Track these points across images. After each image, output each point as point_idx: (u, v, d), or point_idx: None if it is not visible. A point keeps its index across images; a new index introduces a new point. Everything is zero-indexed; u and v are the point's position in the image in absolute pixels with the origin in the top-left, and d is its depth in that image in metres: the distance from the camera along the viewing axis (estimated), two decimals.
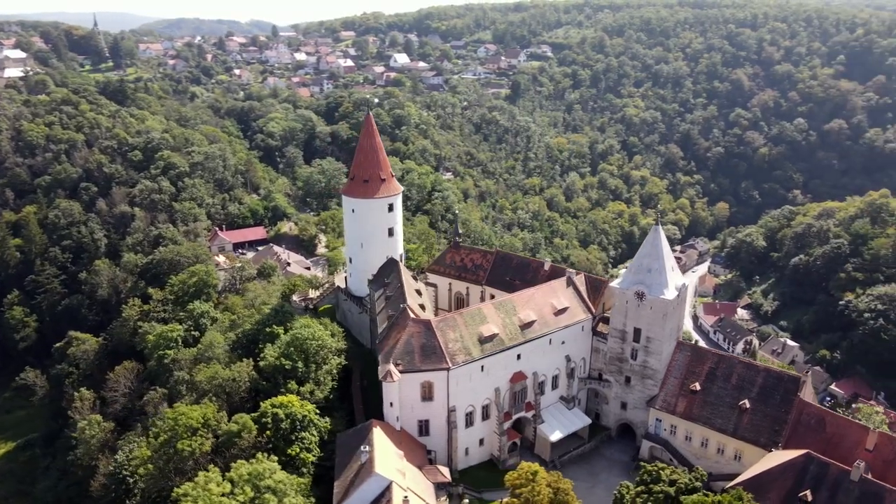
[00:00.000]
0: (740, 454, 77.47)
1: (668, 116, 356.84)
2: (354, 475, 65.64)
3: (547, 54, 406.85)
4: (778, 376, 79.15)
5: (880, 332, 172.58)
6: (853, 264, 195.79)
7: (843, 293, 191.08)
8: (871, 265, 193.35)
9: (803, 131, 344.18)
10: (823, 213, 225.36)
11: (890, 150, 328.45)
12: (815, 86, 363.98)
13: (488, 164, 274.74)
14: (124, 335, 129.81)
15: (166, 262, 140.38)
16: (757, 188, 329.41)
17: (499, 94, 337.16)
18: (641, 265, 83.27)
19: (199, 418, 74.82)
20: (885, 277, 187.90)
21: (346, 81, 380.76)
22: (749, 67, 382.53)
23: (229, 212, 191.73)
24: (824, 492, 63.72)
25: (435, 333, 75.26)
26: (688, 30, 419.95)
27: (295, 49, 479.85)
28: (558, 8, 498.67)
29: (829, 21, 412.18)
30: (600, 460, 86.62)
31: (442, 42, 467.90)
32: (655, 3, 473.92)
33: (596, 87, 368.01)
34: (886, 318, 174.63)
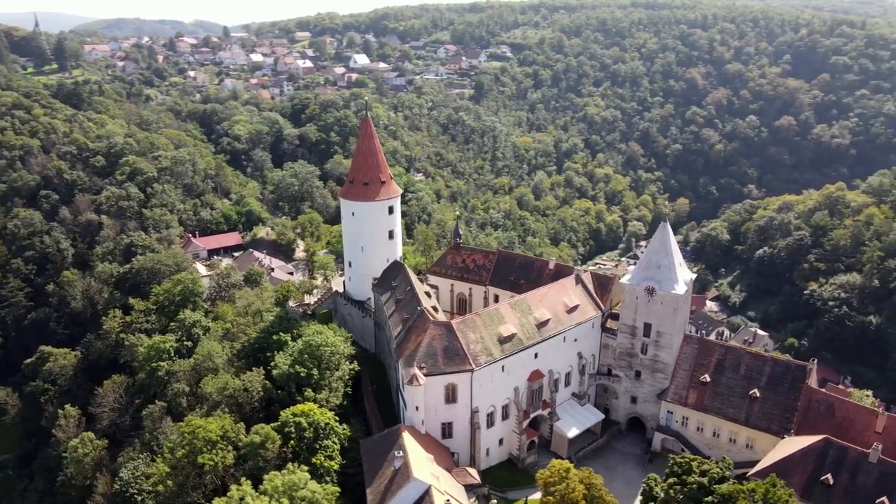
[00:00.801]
0: (752, 442, 79.90)
1: (628, 115, 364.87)
2: (389, 481, 64.91)
3: (507, 54, 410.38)
4: (785, 365, 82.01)
5: (845, 319, 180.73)
6: (815, 255, 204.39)
7: (806, 283, 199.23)
8: (831, 255, 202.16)
9: (755, 128, 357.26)
10: (783, 207, 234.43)
11: (836, 144, 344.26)
12: (764, 84, 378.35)
13: (458, 165, 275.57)
14: (105, 348, 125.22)
15: (146, 271, 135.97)
16: (714, 183, 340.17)
17: (463, 95, 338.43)
18: (651, 261, 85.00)
19: (217, 431, 72.75)
20: (846, 267, 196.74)
21: (306, 83, 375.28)
22: (702, 67, 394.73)
23: (202, 218, 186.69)
24: (845, 474, 66.35)
25: (456, 335, 75.11)
26: (642, 30, 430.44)
27: (250, 50, 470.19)
28: (515, 8, 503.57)
29: (774, 22, 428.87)
30: (614, 454, 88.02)
31: (400, 43, 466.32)
32: (610, 4, 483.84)
33: (557, 86, 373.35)
34: (850, 306, 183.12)
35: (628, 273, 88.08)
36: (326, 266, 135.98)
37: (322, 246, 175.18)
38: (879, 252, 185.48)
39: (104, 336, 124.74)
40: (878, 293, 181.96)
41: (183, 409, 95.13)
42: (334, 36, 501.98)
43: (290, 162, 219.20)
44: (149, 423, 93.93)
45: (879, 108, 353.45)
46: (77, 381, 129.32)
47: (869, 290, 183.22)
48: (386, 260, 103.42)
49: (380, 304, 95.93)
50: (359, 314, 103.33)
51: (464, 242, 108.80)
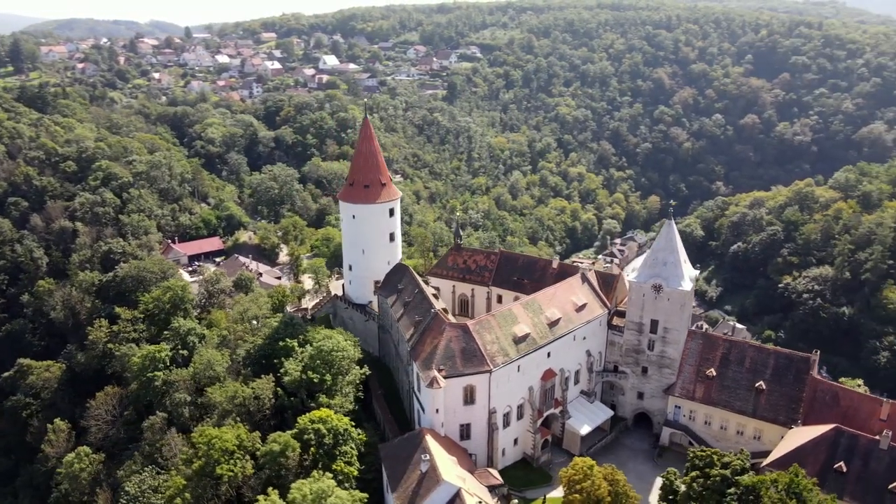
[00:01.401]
0: (760, 434, 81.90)
1: (598, 114, 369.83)
2: (416, 485, 64.54)
3: (476, 55, 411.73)
4: (788, 357, 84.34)
5: (819, 311, 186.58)
6: (788, 249, 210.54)
7: (780, 276, 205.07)
8: (803, 249, 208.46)
9: (721, 126, 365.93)
10: (754, 203, 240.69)
11: (798, 142, 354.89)
12: (728, 83, 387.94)
13: (435, 166, 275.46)
14: (91, 359, 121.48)
15: (130, 279, 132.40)
16: (684, 181, 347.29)
17: (436, 96, 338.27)
18: (657, 259, 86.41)
19: (233, 440, 71.34)
20: (817, 260, 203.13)
21: (275, 84, 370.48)
22: (668, 67, 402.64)
23: (180, 223, 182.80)
24: (857, 462, 68.51)
25: (473, 336, 75.13)
26: (609, 31, 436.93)
27: (215, 51, 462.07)
28: (483, 9, 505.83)
29: (735, 23, 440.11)
30: (622, 450, 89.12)
31: (369, 43, 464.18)
32: (577, 5, 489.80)
33: (528, 86, 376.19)
34: (823, 298, 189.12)
35: (634, 271, 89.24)
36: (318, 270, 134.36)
37: (307, 250, 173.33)
38: (850, 245, 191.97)
39: (90, 347, 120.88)
40: (850, 285, 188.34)
41: (185, 420, 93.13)
42: (301, 37, 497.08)
43: (269, 165, 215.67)
44: (149, 434, 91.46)
45: (838, 106, 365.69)
46: (62, 394, 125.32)
47: (841, 282, 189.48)
48: (387, 262, 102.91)
49: (385, 307, 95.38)
50: (361, 318, 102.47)
51: (446, 244, 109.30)
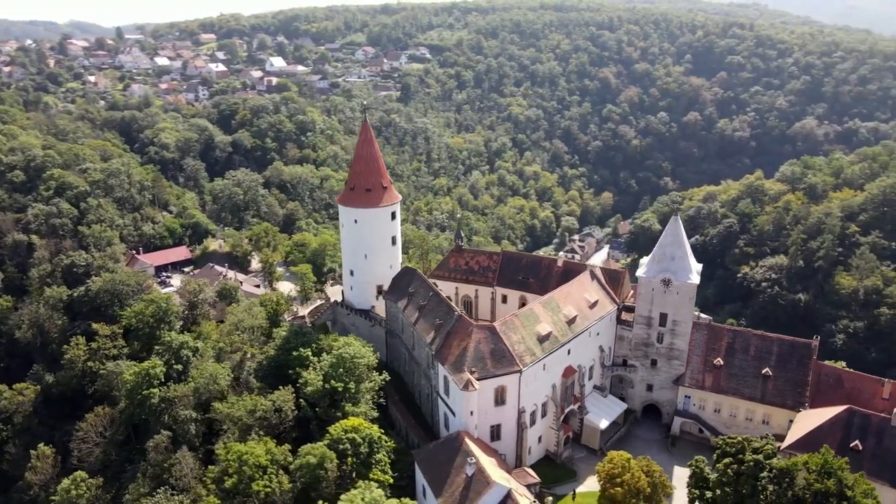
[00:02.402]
0: (768, 418, 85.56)
1: (549, 113, 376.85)
2: (463, 489, 64.31)
3: (426, 56, 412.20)
4: (791, 343, 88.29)
5: (777, 299, 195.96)
6: (743, 240, 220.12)
7: (738, 267, 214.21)
8: (758, 240, 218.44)
9: (666, 124, 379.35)
10: (708, 197, 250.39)
11: (738, 137, 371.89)
12: (670, 82, 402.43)
13: (395, 167, 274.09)
14: (69, 379, 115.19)
15: (106, 293, 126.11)
16: (633, 177, 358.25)
17: (390, 97, 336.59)
18: (665, 254, 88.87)
19: (265, 455, 69.24)
20: (772, 250, 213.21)
21: (221, 87, 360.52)
22: (613, 66, 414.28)
23: (144, 233, 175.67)
24: (871, 439, 72.51)
25: (501, 337, 75.43)
26: (554, 32, 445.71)
27: (152, 53, 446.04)
28: (428, 10, 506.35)
29: (673, 24, 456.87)
30: (636, 441, 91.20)
31: (315, 45, 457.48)
32: (521, 6, 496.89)
33: (480, 87, 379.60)
34: (780, 286, 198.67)
35: (642, 266, 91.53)
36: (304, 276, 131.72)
37: (281, 256, 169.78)
38: (802, 235, 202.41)
39: (68, 366, 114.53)
40: (804, 272, 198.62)
41: (191, 437, 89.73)
42: (243, 38, 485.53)
43: (232, 170, 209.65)
44: (154, 454, 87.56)
45: (772, 102, 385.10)
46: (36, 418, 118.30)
47: (795, 270, 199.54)
48: (389, 267, 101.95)
49: (394, 312, 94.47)
50: (366, 323, 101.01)
51: (419, 247, 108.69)
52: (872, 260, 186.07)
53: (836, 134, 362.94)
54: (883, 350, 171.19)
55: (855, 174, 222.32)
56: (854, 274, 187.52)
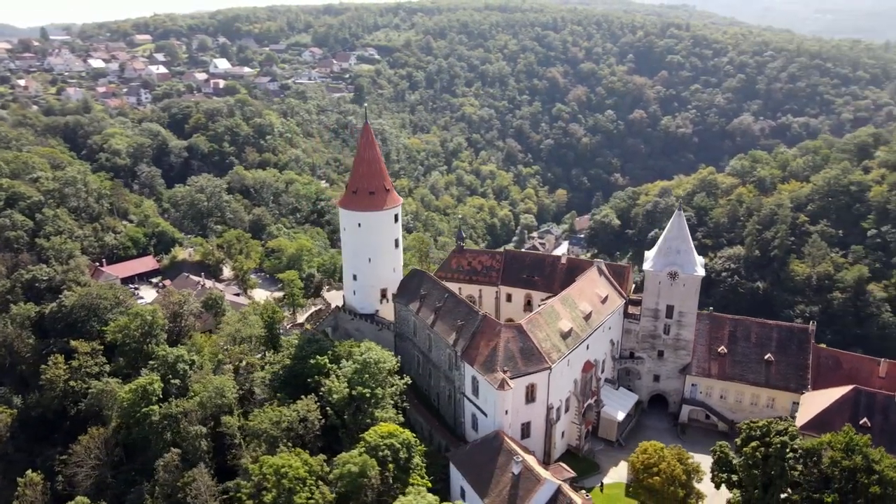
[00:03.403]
0: (772, 402, 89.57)
1: (501, 113, 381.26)
2: (511, 488, 64.68)
3: (375, 57, 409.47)
4: (789, 329, 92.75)
5: (737, 287, 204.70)
6: (701, 233, 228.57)
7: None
8: (714, 232, 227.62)
9: (613, 122, 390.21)
10: (663, 192, 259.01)
11: (681, 134, 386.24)
12: (615, 81, 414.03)
13: None
14: (49, 401, 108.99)
15: (81, 308, 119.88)
16: (585, 174, 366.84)
17: (344, 98, 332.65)
18: (670, 248, 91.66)
19: (302, 466, 67.62)
20: (728, 241, 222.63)
21: (165, 90, 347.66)
22: (560, 66, 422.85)
23: (106, 243, 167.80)
24: (878, 416, 76.95)
25: (528, 335, 76.13)
26: (501, 32, 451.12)
27: (84, 55, 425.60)
28: (373, 10, 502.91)
29: (614, 24, 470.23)
30: (647, 431, 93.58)
31: (258, 45, 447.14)
32: (466, 6, 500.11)
33: (432, 87, 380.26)
34: (739, 275, 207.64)
35: (648, 260, 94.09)
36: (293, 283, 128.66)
37: (255, 263, 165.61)
38: (757, 226, 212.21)
39: (47, 387, 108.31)
40: (760, 262, 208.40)
41: (202, 454, 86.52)
42: (180, 39, 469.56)
43: (194, 176, 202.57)
44: (164, 474, 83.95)
45: (711, 100, 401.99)
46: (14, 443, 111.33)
47: (752, 259, 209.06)
48: (392, 270, 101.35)
49: (404, 315, 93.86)
50: (372, 328, 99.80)
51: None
52: (823, 247, 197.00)
53: (771, 129, 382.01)
54: (837, 332, 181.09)
55: (800, 167, 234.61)
56: (807, 261, 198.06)
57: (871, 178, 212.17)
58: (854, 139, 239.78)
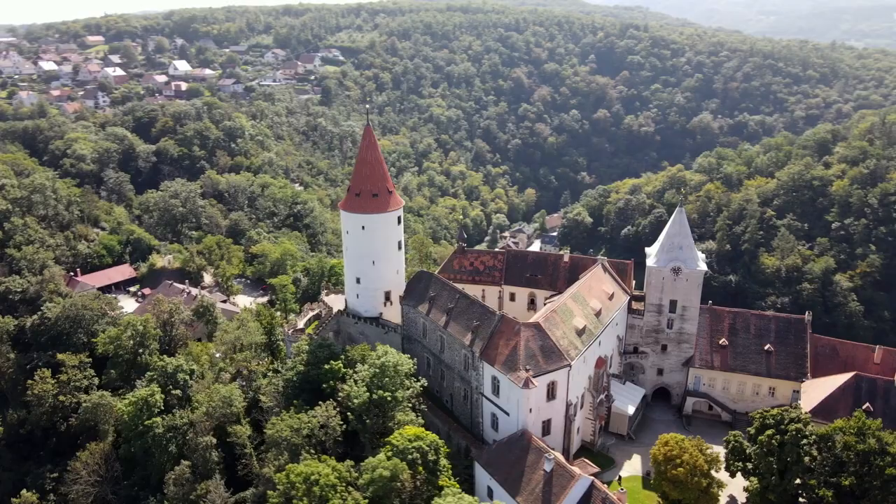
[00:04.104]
0: (773, 391, 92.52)
1: (468, 114, 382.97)
2: (544, 485, 65.22)
3: (339, 58, 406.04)
4: (787, 320, 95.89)
5: (710, 280, 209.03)
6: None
7: None
8: None
9: (578, 121, 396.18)
10: (634, 189, 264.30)
11: (644, 132, 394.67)
12: (578, 81, 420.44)
13: (329, 172, 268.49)
14: (38, 417, 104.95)
15: (66, 320, 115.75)
16: (553, 173, 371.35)
17: (312, 100, 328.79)
18: (673, 244, 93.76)
19: (331, 473, 66.81)
20: (699, 236, 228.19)
21: (124, 93, 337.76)
22: (524, 67, 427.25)
23: (79, 252, 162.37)
24: (880, 401, 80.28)
25: (547, 334, 76.80)
26: (465, 33, 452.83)
27: (34, 57, 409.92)
28: (335, 12, 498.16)
29: (575, 25, 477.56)
30: (653, 423, 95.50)
31: (217, 47, 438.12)
32: (428, 7, 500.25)
33: (399, 88, 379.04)
34: (712, 268, 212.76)
35: (651, 257, 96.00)
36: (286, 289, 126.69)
37: (238, 269, 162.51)
38: (728, 221, 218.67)
39: (36, 403, 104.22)
40: (731, 255, 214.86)
41: (213, 465, 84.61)
42: (135, 40, 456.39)
43: (168, 181, 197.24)
44: (174, 488, 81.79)
45: (671, 99, 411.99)
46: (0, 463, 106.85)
47: (724, 253, 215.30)
48: (396, 272, 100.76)
49: (413, 317, 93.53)
50: (377, 331, 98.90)
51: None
52: (791, 241, 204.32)
53: (729, 127, 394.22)
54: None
55: (764, 163, 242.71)
56: (776, 254, 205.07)
57: (831, 173, 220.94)
58: (814, 136, 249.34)
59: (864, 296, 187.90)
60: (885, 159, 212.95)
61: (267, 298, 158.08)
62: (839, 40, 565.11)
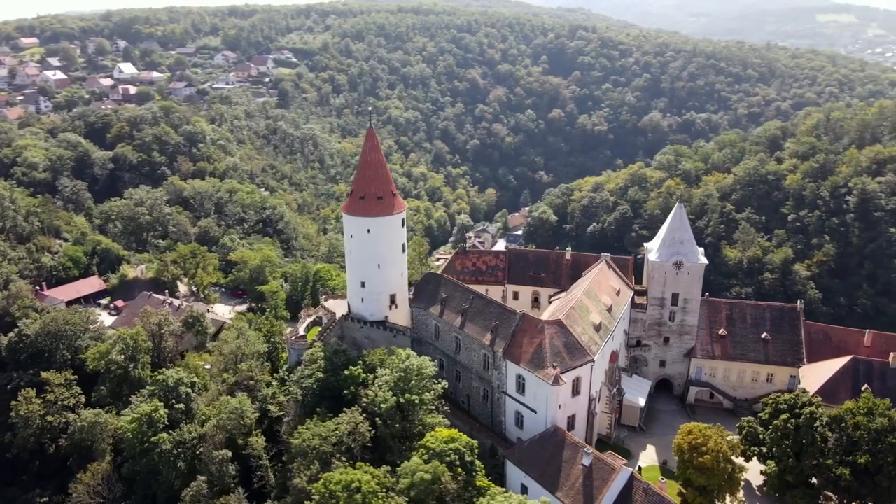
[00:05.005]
0: (772, 377, 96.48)
1: (426, 115, 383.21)
2: (584, 479, 66.20)
3: (292, 60, 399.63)
4: (780, 309, 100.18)
5: None
6: (638, 224, 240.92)
7: (637, 249, 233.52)
8: (649, 223, 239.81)
9: (534, 121, 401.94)
10: (596, 187, 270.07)
11: (597, 131, 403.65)
12: (532, 82, 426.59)
13: (293, 176, 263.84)
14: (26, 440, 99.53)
15: (48, 337, 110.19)
16: (511, 173, 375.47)
17: (269, 104, 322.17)
18: (674, 239, 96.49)
19: (371, 479, 66.01)
20: None
21: (67, 97, 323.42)
22: (479, 68, 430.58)
23: (43, 265, 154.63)
24: (877, 382, 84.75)
25: (570, 331, 77.92)
26: (418, 35, 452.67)
27: None
28: (284, 13, 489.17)
29: (526, 27, 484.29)
30: (659, 414, 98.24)
31: (163, 49, 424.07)
32: (381, 9, 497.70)
33: (356, 90, 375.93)
34: None
35: (653, 252, 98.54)
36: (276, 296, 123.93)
37: (216, 277, 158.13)
38: (690, 216, 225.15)
39: (22, 425, 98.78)
40: None
41: (228, 479, 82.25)
42: (73, 42, 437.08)
43: (131, 188, 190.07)
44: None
45: (622, 98, 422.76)
46: None
47: None
48: (400, 275, 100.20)
49: (424, 319, 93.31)
50: (384, 335, 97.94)
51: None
52: (751, 233, 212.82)
53: (678, 125, 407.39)
54: None
55: (720, 159, 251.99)
56: (738, 247, 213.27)
57: (784, 167, 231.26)
58: (765, 132, 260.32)
59: (821, 283, 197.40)
60: (832, 154, 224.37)
61: (246, 306, 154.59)
62: (767, 41, 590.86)
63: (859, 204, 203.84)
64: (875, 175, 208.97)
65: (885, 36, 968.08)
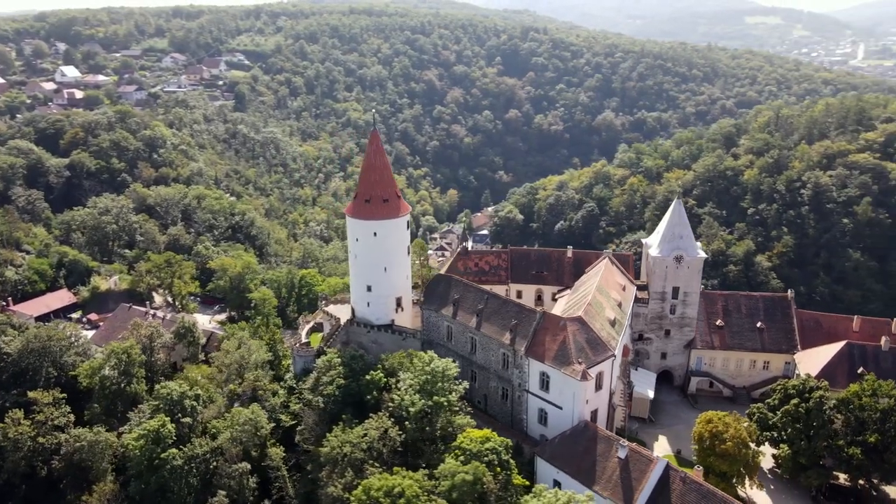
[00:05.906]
0: (768, 364, 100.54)
1: (384, 116, 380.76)
2: (621, 472, 67.53)
3: (244, 62, 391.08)
4: (772, 299, 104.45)
5: None
6: (605, 221, 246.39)
7: (605, 245, 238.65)
8: (616, 220, 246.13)
9: (491, 121, 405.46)
10: (561, 185, 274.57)
11: (553, 131, 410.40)
12: (488, 83, 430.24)
13: (258, 181, 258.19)
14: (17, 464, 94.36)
15: (31, 354, 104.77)
16: (472, 173, 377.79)
17: (226, 107, 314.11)
18: (674, 234, 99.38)
19: (413, 484, 65.63)
20: (628, 227, 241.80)
21: (7, 102, 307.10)
22: (435, 69, 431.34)
23: (7, 279, 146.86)
24: (871, 364, 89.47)
25: (590, 327, 79.28)
26: (373, 36, 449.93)
27: None
28: (232, 14, 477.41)
29: (479, 28, 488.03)
30: (663, 405, 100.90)
31: (105, 51, 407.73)
32: (332, 10, 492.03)
33: (313, 93, 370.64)
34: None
35: (653, 247, 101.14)
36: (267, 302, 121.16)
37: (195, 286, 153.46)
38: (655, 212, 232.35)
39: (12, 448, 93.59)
40: None
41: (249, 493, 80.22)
42: (7, 44, 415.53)
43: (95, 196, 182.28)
44: None
45: (576, 98, 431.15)
46: None
47: None
48: (405, 277, 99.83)
49: (435, 321, 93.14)
50: (393, 338, 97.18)
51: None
52: (715, 227, 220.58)
53: (630, 123, 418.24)
54: None
55: (680, 156, 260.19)
56: (702, 241, 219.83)
57: (741, 163, 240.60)
58: (720, 130, 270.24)
59: (781, 273, 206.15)
60: (785, 149, 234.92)
61: (226, 315, 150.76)
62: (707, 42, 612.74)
63: (813, 197, 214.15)
64: (826, 169, 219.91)
65: (810, 36, 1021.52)
